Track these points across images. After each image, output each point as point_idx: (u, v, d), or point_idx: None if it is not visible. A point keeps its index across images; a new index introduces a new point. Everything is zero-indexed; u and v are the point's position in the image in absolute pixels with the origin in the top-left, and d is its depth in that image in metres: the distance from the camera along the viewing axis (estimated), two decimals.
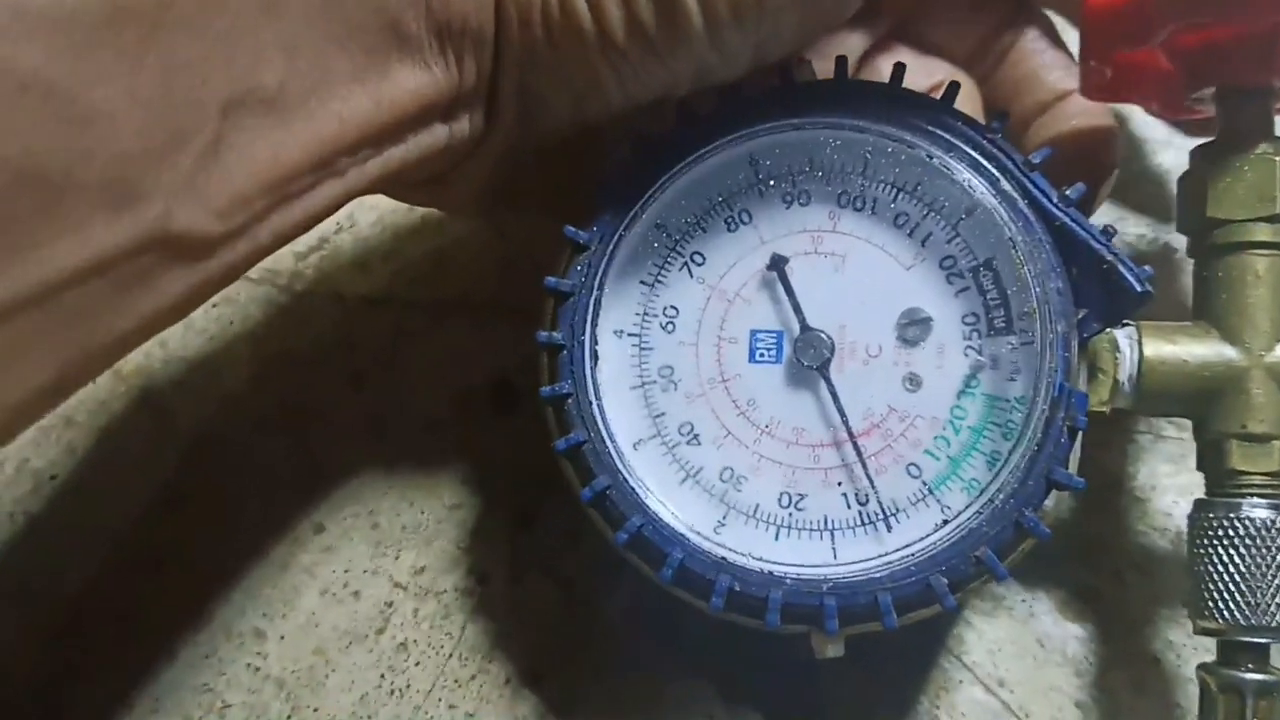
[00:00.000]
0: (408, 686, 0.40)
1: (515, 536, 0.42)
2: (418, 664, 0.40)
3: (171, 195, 0.25)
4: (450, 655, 0.40)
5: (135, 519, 0.42)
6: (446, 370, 0.44)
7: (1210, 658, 0.33)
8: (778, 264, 0.34)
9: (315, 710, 0.40)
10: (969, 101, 0.36)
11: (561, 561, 0.41)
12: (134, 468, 0.43)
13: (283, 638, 0.41)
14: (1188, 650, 0.39)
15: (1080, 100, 0.37)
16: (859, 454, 0.33)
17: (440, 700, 0.40)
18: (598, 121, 0.33)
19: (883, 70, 0.38)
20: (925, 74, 0.37)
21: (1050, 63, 0.38)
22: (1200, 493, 0.34)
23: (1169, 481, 0.41)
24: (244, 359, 0.45)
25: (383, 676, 0.40)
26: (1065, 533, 0.40)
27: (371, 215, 0.46)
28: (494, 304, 0.45)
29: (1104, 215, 0.42)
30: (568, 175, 0.36)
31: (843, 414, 0.33)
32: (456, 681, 0.40)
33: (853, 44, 0.37)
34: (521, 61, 0.31)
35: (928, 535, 0.32)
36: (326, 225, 0.45)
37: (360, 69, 0.29)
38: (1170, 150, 0.44)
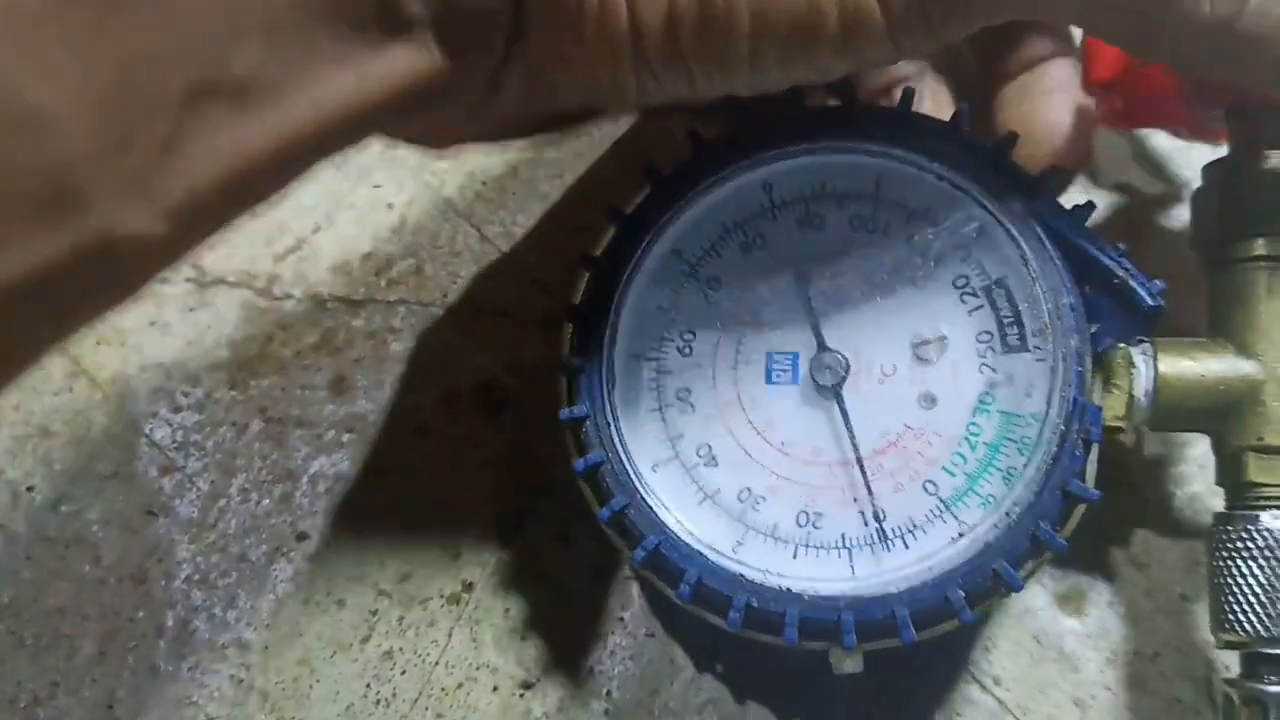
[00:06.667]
0: (394, 696, 0.40)
1: (503, 540, 0.41)
2: (404, 673, 0.40)
3: (117, 197, 0.23)
4: (437, 663, 0.40)
5: (114, 529, 0.42)
6: (430, 372, 0.43)
7: (1215, 654, 0.33)
8: (796, 286, 0.34)
9: None
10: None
11: (552, 565, 0.41)
12: (112, 477, 0.43)
13: (266, 648, 0.41)
14: (1188, 645, 0.38)
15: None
16: (864, 476, 0.33)
17: (427, 709, 0.39)
18: (607, 114, 0.31)
19: None
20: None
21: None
22: (1198, 480, 0.34)
23: (1167, 471, 0.40)
24: (222, 364, 0.44)
25: (368, 686, 0.40)
26: None
27: (350, 214, 0.45)
28: (475, 304, 0.44)
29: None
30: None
31: (852, 436, 0.33)
32: (444, 690, 0.40)
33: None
34: (538, 55, 0.28)
35: (944, 549, 0.32)
36: (304, 225, 0.45)
37: (346, 51, 0.25)
38: None
